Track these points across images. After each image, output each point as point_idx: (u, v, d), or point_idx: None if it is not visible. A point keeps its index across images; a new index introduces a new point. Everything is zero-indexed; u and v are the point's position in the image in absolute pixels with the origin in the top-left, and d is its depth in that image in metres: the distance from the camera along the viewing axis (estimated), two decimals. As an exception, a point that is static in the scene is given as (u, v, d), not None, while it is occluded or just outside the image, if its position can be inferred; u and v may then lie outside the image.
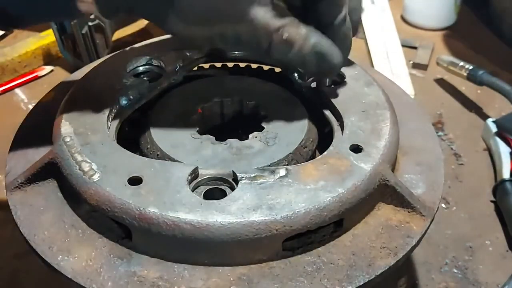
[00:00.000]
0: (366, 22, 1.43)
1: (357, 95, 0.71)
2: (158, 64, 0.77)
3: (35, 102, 0.76)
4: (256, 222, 0.53)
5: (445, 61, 1.19)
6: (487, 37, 1.39)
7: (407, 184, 0.63)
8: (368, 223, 0.59)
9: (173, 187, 0.56)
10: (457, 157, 1.02)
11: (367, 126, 0.66)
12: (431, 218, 0.60)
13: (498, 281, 0.78)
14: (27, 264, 0.80)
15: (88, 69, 0.77)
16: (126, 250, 0.55)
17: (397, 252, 0.56)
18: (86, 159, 0.59)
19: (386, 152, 0.62)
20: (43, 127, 0.69)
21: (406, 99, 0.79)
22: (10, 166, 0.65)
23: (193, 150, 0.65)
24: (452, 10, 1.41)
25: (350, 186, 0.57)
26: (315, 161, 0.61)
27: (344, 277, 0.54)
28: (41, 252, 0.56)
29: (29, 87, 1.21)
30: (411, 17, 1.44)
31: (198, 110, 0.72)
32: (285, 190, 0.56)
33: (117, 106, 0.70)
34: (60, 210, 0.60)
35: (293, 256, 0.55)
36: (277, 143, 0.66)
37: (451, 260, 0.82)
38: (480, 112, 1.13)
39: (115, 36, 1.25)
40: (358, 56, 1.28)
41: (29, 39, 1.28)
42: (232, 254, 0.54)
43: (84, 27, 1.13)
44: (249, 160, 0.63)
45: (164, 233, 0.53)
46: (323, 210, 0.55)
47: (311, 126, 0.70)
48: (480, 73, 1.11)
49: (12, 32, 1.40)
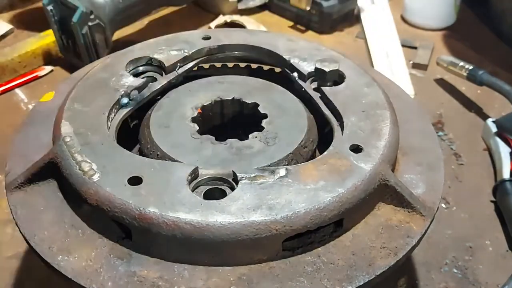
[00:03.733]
0: (366, 22, 1.43)
1: (357, 95, 0.71)
2: (158, 64, 0.78)
3: (35, 102, 0.76)
4: (256, 222, 0.53)
5: (445, 61, 1.19)
6: (487, 37, 1.40)
7: (407, 184, 0.63)
8: (368, 223, 0.59)
9: (173, 187, 0.56)
10: (457, 157, 1.02)
11: (367, 126, 0.66)
12: (431, 218, 0.60)
13: (498, 281, 0.78)
14: (27, 264, 0.80)
15: (88, 69, 0.77)
16: (126, 250, 0.55)
17: (397, 252, 0.56)
18: (86, 159, 0.59)
19: (386, 152, 0.62)
20: (43, 127, 0.69)
21: (406, 99, 0.79)
22: (10, 166, 0.65)
23: (193, 150, 0.65)
24: (452, 10, 1.41)
25: (350, 186, 0.57)
26: (315, 161, 0.61)
27: (344, 277, 0.54)
28: (41, 252, 0.56)
29: (29, 87, 1.21)
30: (411, 17, 1.44)
31: (198, 110, 0.72)
32: (285, 190, 0.56)
33: (117, 106, 0.70)
34: (60, 210, 0.60)
35: (293, 256, 0.55)
36: (277, 143, 0.66)
37: (451, 260, 0.82)
38: (480, 112, 1.13)
39: (115, 36, 1.25)
40: (358, 56, 1.28)
41: (29, 39, 1.28)
42: (232, 254, 0.54)
43: (84, 27, 1.13)
44: (249, 160, 0.63)
45: (164, 233, 0.53)
46: (323, 210, 0.55)
47: (311, 126, 0.70)
48: (480, 73, 1.11)
49: (12, 32, 1.40)
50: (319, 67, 0.74)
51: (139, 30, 1.41)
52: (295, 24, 1.45)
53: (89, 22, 1.13)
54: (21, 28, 1.42)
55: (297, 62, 0.78)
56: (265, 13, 1.51)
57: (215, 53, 0.82)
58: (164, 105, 0.72)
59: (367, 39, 1.36)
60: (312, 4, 1.38)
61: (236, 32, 0.86)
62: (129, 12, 1.24)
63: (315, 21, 1.40)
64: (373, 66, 1.26)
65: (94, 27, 1.14)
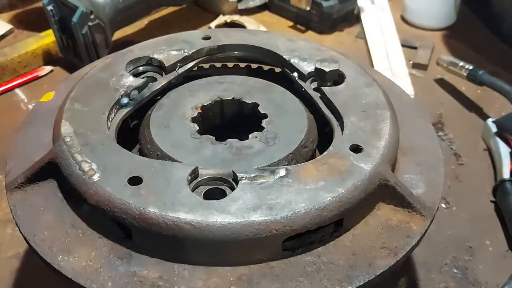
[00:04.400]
0: (366, 22, 1.43)
1: (357, 95, 0.71)
2: (158, 64, 0.78)
3: (35, 102, 0.76)
4: (256, 222, 0.53)
5: (445, 61, 1.19)
6: (487, 37, 1.40)
7: (407, 184, 0.63)
8: (368, 223, 0.59)
9: (173, 187, 0.56)
10: (457, 157, 1.02)
11: (367, 126, 0.66)
12: (431, 218, 0.60)
13: (498, 281, 0.78)
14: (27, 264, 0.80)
15: (88, 69, 0.77)
16: (126, 250, 0.55)
17: (397, 252, 0.56)
18: (86, 159, 0.59)
19: (386, 152, 0.62)
20: (43, 127, 0.69)
21: (406, 99, 0.79)
22: (10, 166, 0.65)
23: (193, 150, 0.65)
24: (452, 10, 1.41)
25: (350, 186, 0.57)
26: (315, 161, 0.61)
27: (344, 277, 0.54)
28: (41, 252, 0.56)
29: (29, 87, 1.21)
30: (411, 17, 1.44)
31: (198, 110, 0.72)
32: (285, 190, 0.56)
33: (117, 106, 0.70)
34: (60, 210, 0.60)
35: (293, 256, 0.55)
36: (277, 143, 0.66)
37: (451, 260, 0.82)
38: (480, 112, 1.13)
39: (115, 36, 1.25)
40: (358, 56, 1.28)
41: (29, 39, 1.28)
42: (232, 254, 0.54)
43: (84, 27, 1.13)
44: (249, 160, 0.63)
45: (164, 233, 0.53)
46: (323, 210, 0.55)
47: (311, 126, 0.70)
48: (480, 73, 1.11)
49: (12, 32, 1.40)
50: (319, 67, 0.74)
51: (139, 30, 1.41)
52: (295, 24, 1.45)
53: (89, 22, 1.13)
54: (21, 28, 1.42)
55: (297, 62, 0.78)
56: (265, 13, 1.51)
57: (215, 53, 0.82)
58: (164, 105, 0.72)
59: (367, 39, 1.36)
60: (312, 4, 1.38)
61: (236, 32, 0.86)
62: (129, 12, 1.24)
63: (315, 21, 1.40)
64: (373, 66, 1.26)
65: (94, 27, 1.14)
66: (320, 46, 0.82)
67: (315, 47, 0.81)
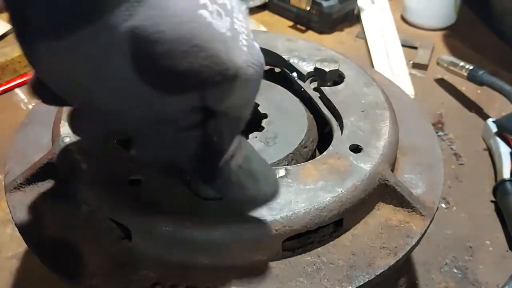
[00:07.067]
0: (366, 22, 1.43)
1: (356, 95, 0.71)
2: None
3: (35, 102, 0.76)
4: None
5: (445, 61, 1.19)
6: (487, 37, 1.39)
7: (407, 184, 0.63)
8: (368, 223, 0.59)
9: (173, 187, 0.56)
10: (457, 157, 1.02)
11: (366, 126, 0.66)
12: (431, 218, 0.60)
13: (498, 281, 0.78)
14: (27, 264, 0.80)
15: (88, 69, 0.77)
16: (126, 251, 0.55)
17: (397, 252, 0.56)
18: (85, 160, 0.59)
19: (386, 152, 0.62)
20: (43, 127, 0.69)
21: (406, 99, 0.79)
22: (10, 166, 0.65)
23: (193, 150, 0.64)
24: (452, 10, 1.41)
25: (350, 186, 0.57)
26: (314, 161, 0.61)
27: (344, 277, 0.54)
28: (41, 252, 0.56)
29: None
30: (411, 17, 1.44)
31: (198, 110, 0.72)
32: (284, 190, 0.56)
33: (116, 106, 0.70)
34: (60, 211, 0.59)
35: (293, 256, 0.55)
36: (277, 143, 0.66)
37: (451, 260, 0.82)
38: (480, 112, 1.13)
39: (115, 36, 1.25)
40: (358, 56, 1.27)
41: (29, 39, 1.28)
42: (232, 254, 0.54)
43: (84, 27, 1.13)
44: (248, 160, 0.63)
45: (164, 233, 0.53)
46: (323, 210, 0.55)
47: (311, 126, 0.70)
48: (480, 73, 1.11)
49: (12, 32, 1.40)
50: (319, 67, 0.74)
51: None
52: (295, 24, 1.45)
53: (89, 22, 1.13)
54: (21, 28, 1.42)
55: (297, 62, 0.78)
56: (265, 13, 1.51)
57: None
58: (164, 105, 0.72)
59: (367, 39, 1.36)
60: (312, 4, 1.38)
61: (236, 32, 0.86)
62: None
63: (315, 21, 1.40)
64: (373, 66, 1.26)
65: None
66: (320, 46, 0.82)
67: (314, 47, 0.81)
